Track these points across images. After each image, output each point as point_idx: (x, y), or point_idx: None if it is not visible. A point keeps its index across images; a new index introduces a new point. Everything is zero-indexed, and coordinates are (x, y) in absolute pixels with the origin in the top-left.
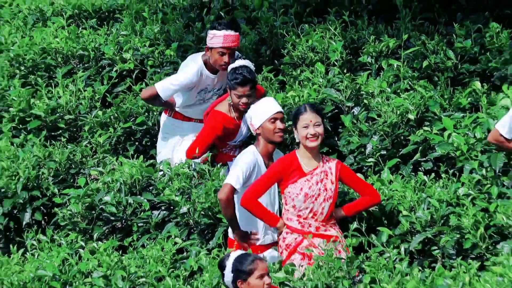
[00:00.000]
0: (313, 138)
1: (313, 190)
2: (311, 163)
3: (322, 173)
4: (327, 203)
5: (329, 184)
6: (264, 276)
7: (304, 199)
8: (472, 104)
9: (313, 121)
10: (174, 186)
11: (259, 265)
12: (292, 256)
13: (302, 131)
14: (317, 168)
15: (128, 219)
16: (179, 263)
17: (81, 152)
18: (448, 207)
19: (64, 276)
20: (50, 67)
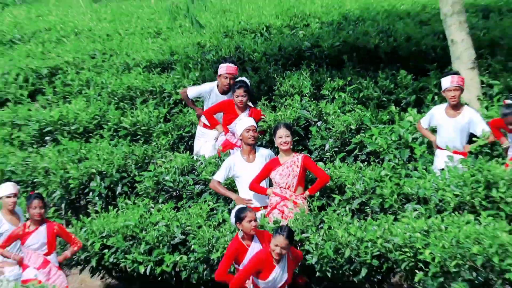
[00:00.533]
0: (285, 144)
1: (284, 171)
2: (284, 158)
3: (291, 162)
4: (295, 179)
5: (295, 168)
6: (251, 221)
7: (280, 177)
8: (389, 119)
9: (285, 134)
10: (208, 170)
11: (249, 214)
12: (273, 211)
13: (278, 140)
14: (287, 161)
15: (180, 190)
16: (211, 217)
17: (151, 149)
18: (375, 182)
19: (141, 225)
20: (133, 97)
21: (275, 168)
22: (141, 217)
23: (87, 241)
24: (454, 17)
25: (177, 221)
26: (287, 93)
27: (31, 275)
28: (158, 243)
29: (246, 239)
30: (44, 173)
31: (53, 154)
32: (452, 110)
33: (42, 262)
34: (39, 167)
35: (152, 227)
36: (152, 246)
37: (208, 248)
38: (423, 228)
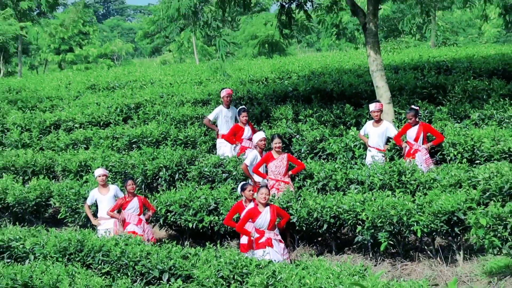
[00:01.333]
0: (278, 148)
1: (278, 165)
2: (276, 155)
3: (281, 158)
4: (283, 169)
5: (284, 162)
6: (250, 190)
7: (275, 167)
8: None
9: (278, 141)
10: (231, 165)
11: (249, 187)
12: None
13: (274, 144)
14: (279, 157)
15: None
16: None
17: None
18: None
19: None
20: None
21: (271, 161)
22: (189, 193)
23: (157, 208)
24: (377, 72)
25: (211, 195)
26: (278, 118)
27: (132, 229)
28: (200, 209)
29: (247, 202)
30: (132, 167)
31: (137, 155)
32: (376, 123)
33: (138, 220)
34: (129, 163)
35: (196, 199)
36: (196, 211)
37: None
38: (361, 199)
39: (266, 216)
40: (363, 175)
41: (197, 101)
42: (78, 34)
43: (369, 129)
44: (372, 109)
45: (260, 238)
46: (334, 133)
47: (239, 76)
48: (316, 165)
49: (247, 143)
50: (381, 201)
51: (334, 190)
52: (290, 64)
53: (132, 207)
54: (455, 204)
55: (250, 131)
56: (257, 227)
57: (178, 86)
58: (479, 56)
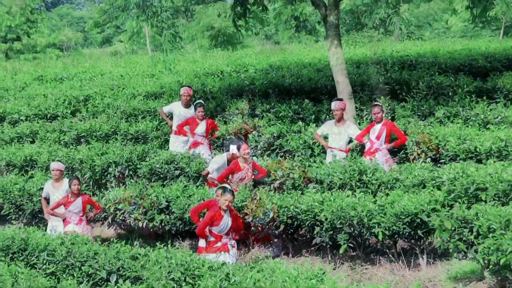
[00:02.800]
0: (248, 154)
1: (243, 176)
2: (243, 165)
3: (247, 169)
4: (249, 181)
5: (249, 173)
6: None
7: (238, 181)
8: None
9: (246, 147)
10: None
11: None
12: None
13: (243, 151)
14: (245, 167)
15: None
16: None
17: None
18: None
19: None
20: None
21: (237, 172)
22: (140, 190)
23: (105, 205)
24: (338, 67)
25: (163, 193)
26: (233, 113)
27: (71, 228)
28: (151, 207)
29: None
30: (80, 162)
31: (85, 150)
32: (337, 122)
33: (78, 220)
34: (76, 158)
35: (147, 197)
36: (147, 209)
37: (183, 210)
38: (319, 199)
39: (227, 221)
40: (323, 174)
41: (149, 94)
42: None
43: (329, 129)
44: (333, 108)
45: (216, 242)
46: (293, 129)
47: (193, 69)
48: (273, 163)
49: (200, 139)
50: (341, 202)
51: (292, 189)
52: (246, 57)
53: (75, 207)
54: (418, 206)
55: (204, 128)
56: (216, 231)
57: (129, 78)
58: (445, 51)
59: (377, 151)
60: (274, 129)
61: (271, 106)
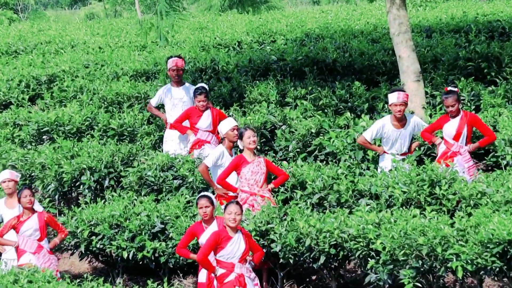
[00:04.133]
0: (253, 143)
1: (255, 169)
2: (251, 157)
3: (258, 161)
4: (262, 177)
5: (262, 167)
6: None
7: (251, 174)
8: (345, 125)
9: (252, 134)
10: (185, 167)
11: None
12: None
13: (246, 140)
14: (255, 159)
15: (160, 184)
16: (187, 208)
17: (136, 148)
18: (332, 179)
19: (125, 215)
20: (120, 103)
21: (245, 165)
22: (125, 207)
23: (77, 228)
24: (401, 36)
25: (157, 211)
26: (255, 100)
27: (27, 259)
28: (140, 231)
29: (205, 223)
30: (41, 168)
31: (49, 151)
32: (397, 122)
33: (36, 247)
34: (36, 162)
35: (135, 216)
36: (134, 234)
37: None
38: (374, 220)
39: (238, 243)
40: (379, 185)
41: (138, 74)
42: None
43: (387, 131)
44: (394, 101)
45: (228, 274)
46: (338, 123)
47: (200, 38)
48: (310, 170)
49: (205, 136)
50: (405, 224)
51: (336, 206)
52: (274, 23)
53: (28, 228)
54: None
55: (210, 120)
56: (224, 258)
57: (111, 52)
58: None
59: (455, 154)
60: (312, 122)
61: (308, 91)
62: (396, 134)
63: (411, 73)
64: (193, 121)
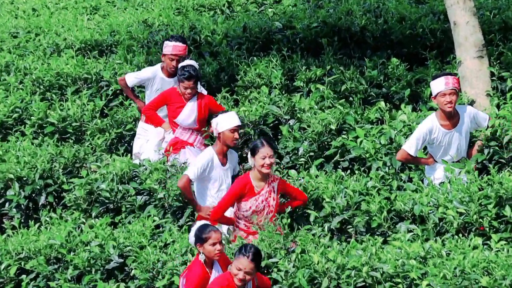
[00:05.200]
0: (268, 167)
1: (258, 207)
2: (260, 184)
3: (267, 192)
4: (269, 216)
5: (271, 201)
6: (216, 244)
7: (251, 213)
8: (378, 119)
9: (269, 153)
10: (154, 177)
11: (213, 235)
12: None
13: (260, 161)
14: (264, 188)
15: (118, 202)
16: (156, 236)
17: (84, 151)
18: (360, 195)
19: (69, 245)
20: (62, 87)
21: (248, 198)
22: (69, 234)
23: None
24: None
25: (113, 240)
26: (252, 84)
27: None
28: (90, 267)
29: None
30: None
31: None
32: (447, 120)
33: None
34: None
35: (82, 247)
36: (82, 271)
37: (153, 274)
38: (419, 253)
39: None
40: (425, 204)
41: (88, 47)
42: None
43: (435, 136)
44: (440, 89)
45: None
46: (367, 117)
47: None
48: (329, 182)
49: (185, 134)
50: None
51: (365, 233)
52: None
53: None
54: None
55: (194, 115)
56: None
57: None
58: None
59: None
60: (331, 115)
61: (326, 72)
62: (449, 137)
63: (471, 46)
64: (172, 111)
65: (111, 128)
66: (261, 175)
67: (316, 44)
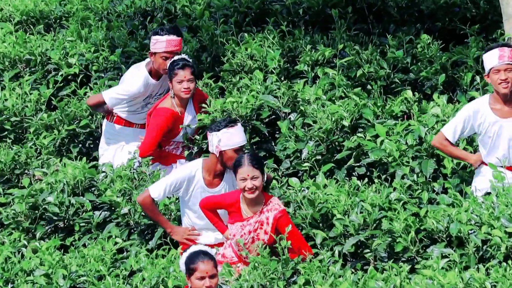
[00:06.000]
0: (250, 191)
1: (245, 238)
2: (250, 209)
3: (257, 223)
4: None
5: (262, 234)
6: (204, 278)
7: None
8: (404, 112)
9: (250, 175)
10: (116, 188)
11: (201, 266)
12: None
13: (240, 183)
14: (253, 217)
15: (71, 219)
16: (119, 263)
17: (26, 153)
18: (380, 211)
19: (6, 274)
20: None
21: (234, 220)
22: (6, 261)
23: None
24: None
25: (64, 268)
26: (243, 68)
27: None
28: None
29: None
30: None
31: None
32: (503, 104)
33: None
34: None
35: (23, 277)
36: None
37: None
38: (456, 285)
39: None
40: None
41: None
42: None
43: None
44: (494, 64)
45: None
46: (390, 110)
47: None
48: (341, 194)
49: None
50: None
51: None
52: None
53: None
54: None
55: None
56: None
57: None
58: None
59: None
60: (344, 108)
61: (336, 52)
62: (499, 127)
63: None
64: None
65: (60, 124)
66: (247, 200)
67: (325, 17)
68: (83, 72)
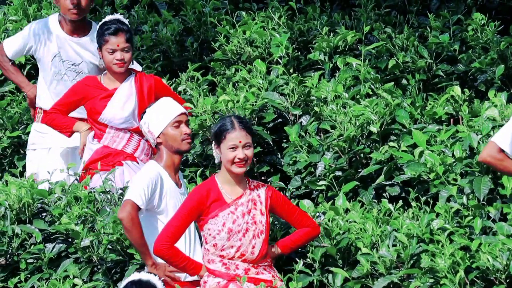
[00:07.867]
0: (241, 163)
1: (239, 225)
2: (235, 190)
3: (250, 202)
4: (259, 240)
5: (258, 215)
6: None
7: (228, 236)
8: (451, 115)
9: (243, 141)
10: (74, 213)
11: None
12: None
13: (228, 153)
14: (242, 196)
15: (14, 253)
16: None
17: None
18: (419, 243)
19: None
20: None
21: (219, 211)
22: None
23: None
24: None
25: None
26: (239, 58)
27: None
28: None
29: None
30: None
31: None
32: None
33: None
34: None
35: None
36: None
37: None
38: None
39: None
40: None
41: None
42: None
43: None
44: None
45: None
46: (431, 112)
47: None
48: (367, 221)
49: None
50: None
51: None
52: None
53: None
54: None
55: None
56: None
57: None
58: None
59: None
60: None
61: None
62: None
63: None
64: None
65: (1, 130)
66: (233, 177)
67: None
68: (30, 62)
